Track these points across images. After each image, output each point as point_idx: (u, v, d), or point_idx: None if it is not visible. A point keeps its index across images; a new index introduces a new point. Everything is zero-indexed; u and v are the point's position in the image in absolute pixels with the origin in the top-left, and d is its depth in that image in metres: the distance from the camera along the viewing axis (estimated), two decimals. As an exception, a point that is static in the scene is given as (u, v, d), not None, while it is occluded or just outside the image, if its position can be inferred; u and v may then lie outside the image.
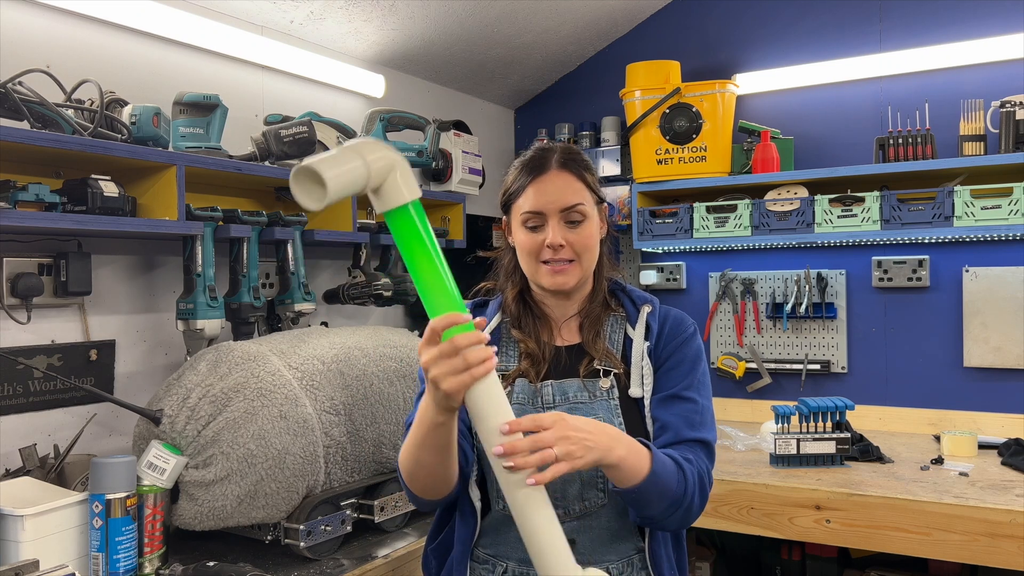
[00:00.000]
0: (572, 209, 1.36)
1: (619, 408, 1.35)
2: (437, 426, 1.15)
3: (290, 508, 1.65)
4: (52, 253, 1.86)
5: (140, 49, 2.12)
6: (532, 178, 1.38)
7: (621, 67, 3.22)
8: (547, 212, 1.36)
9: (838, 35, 3.09)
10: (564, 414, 1.16)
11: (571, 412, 1.28)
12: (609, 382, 1.37)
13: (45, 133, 1.61)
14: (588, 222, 1.38)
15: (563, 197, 1.36)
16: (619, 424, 1.33)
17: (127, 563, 1.51)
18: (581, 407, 1.34)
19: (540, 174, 1.38)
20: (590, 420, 1.19)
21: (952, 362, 2.88)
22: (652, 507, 1.24)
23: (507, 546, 1.34)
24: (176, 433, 1.61)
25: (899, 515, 2.09)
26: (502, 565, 1.34)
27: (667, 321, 1.43)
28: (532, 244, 1.37)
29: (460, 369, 1.06)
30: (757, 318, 3.17)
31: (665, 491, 1.23)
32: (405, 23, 2.76)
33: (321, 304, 2.51)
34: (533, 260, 1.39)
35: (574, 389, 1.37)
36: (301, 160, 2.28)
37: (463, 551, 1.35)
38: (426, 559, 1.44)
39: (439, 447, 1.20)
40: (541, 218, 1.37)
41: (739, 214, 3.00)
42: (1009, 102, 2.67)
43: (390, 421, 1.87)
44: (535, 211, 1.37)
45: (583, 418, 1.18)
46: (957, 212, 2.68)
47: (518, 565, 1.33)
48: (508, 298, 1.47)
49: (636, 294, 1.48)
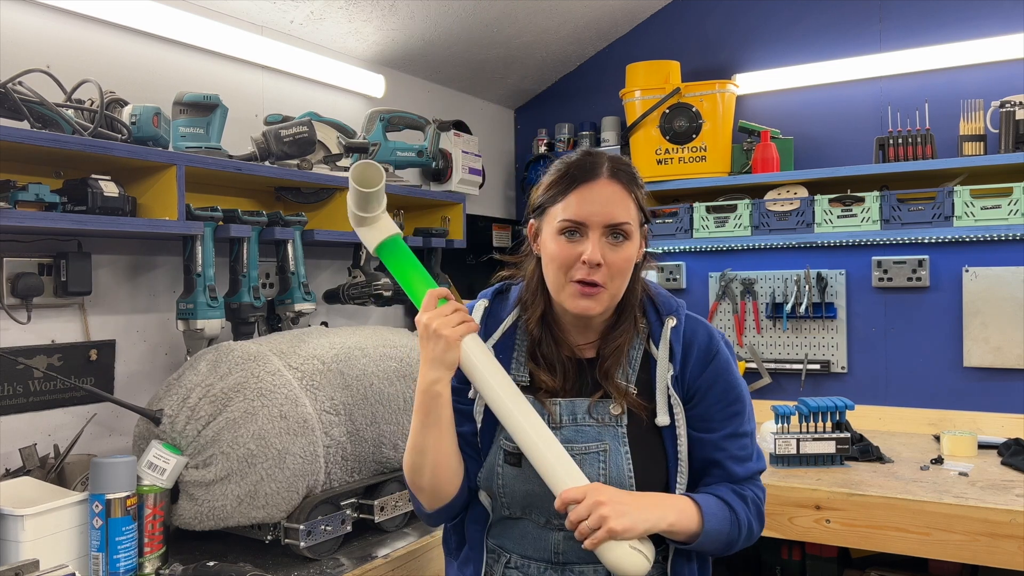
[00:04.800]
0: (618, 227, 1.25)
1: (626, 437, 1.28)
2: (435, 395, 1.25)
3: (290, 508, 1.65)
4: (52, 253, 1.86)
5: (140, 49, 2.12)
6: (578, 184, 1.25)
7: (621, 67, 3.22)
8: (590, 224, 1.24)
9: (838, 35, 3.09)
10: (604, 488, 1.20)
11: (577, 435, 1.28)
12: (620, 409, 1.28)
13: (45, 133, 1.61)
14: (629, 243, 1.26)
15: (611, 211, 1.24)
16: (625, 454, 1.27)
17: (127, 563, 1.51)
18: (588, 429, 1.28)
19: (587, 181, 1.25)
20: (635, 494, 1.23)
21: (952, 362, 2.88)
22: (710, 551, 1.30)
23: (511, 541, 1.33)
24: (176, 433, 1.61)
25: (899, 515, 2.09)
26: (506, 556, 1.34)
27: (692, 346, 1.32)
28: (566, 256, 1.25)
29: (457, 321, 1.25)
30: (757, 318, 3.17)
31: (719, 538, 1.26)
32: (405, 23, 2.76)
33: (321, 304, 2.51)
34: (562, 274, 1.26)
35: (582, 411, 1.29)
36: (301, 160, 2.27)
37: (478, 532, 1.35)
38: (446, 535, 1.43)
39: (439, 423, 1.26)
40: (582, 229, 1.24)
41: (739, 214, 3.00)
42: (1009, 102, 2.67)
43: (390, 421, 1.87)
44: (577, 221, 1.24)
45: (628, 493, 1.22)
46: (957, 212, 2.68)
47: (520, 558, 1.32)
48: (531, 320, 1.35)
49: (662, 300, 1.36)
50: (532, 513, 1.31)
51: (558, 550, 1.29)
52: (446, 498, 1.31)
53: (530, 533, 1.31)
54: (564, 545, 1.29)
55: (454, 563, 1.40)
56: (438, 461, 1.27)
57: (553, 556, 1.30)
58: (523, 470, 1.28)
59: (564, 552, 1.29)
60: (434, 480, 1.29)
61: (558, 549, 1.29)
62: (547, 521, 1.30)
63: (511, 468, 1.29)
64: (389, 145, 2.57)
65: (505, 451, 1.30)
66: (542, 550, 1.30)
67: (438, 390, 1.25)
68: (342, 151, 2.36)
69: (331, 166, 2.33)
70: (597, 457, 1.27)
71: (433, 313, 1.26)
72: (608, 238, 1.25)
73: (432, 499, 1.31)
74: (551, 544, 1.30)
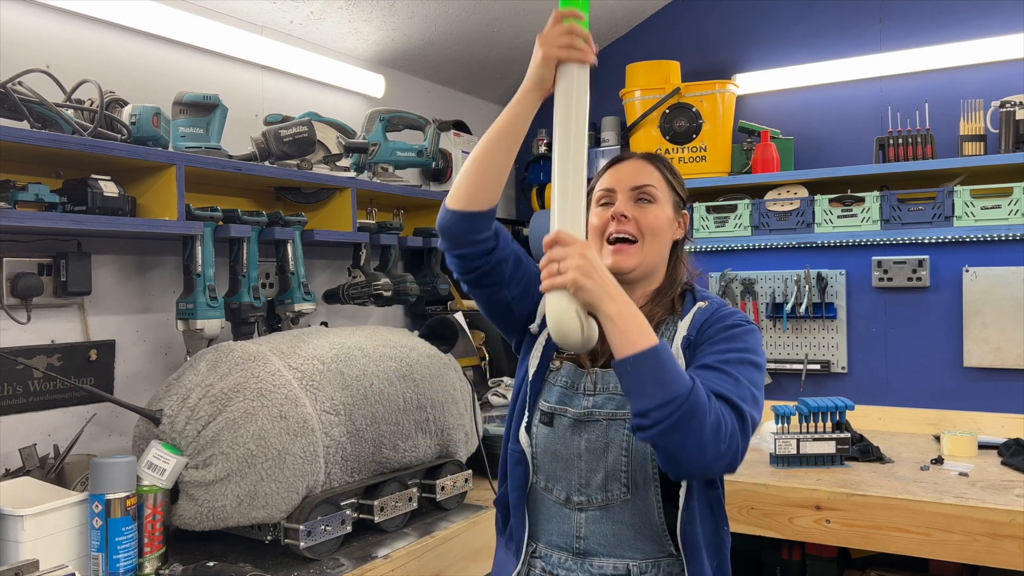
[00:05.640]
0: (641, 189, 1.41)
1: None
2: (522, 98, 1.34)
3: (290, 508, 1.65)
4: (52, 253, 1.86)
5: (140, 49, 2.12)
6: (612, 165, 1.48)
7: (621, 67, 3.22)
8: (618, 188, 1.42)
9: (838, 35, 3.09)
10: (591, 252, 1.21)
11: (608, 402, 1.34)
12: None
13: (45, 133, 1.61)
14: (657, 206, 1.41)
15: (635, 177, 1.42)
16: None
17: (127, 563, 1.51)
18: (617, 398, 1.34)
19: (620, 162, 1.47)
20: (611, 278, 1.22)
21: (952, 362, 2.88)
22: (647, 397, 1.14)
23: (537, 524, 1.41)
24: (176, 433, 1.61)
25: (899, 515, 2.09)
26: (532, 545, 1.41)
27: (715, 314, 1.37)
28: (600, 220, 1.42)
29: (563, 43, 1.29)
30: (757, 318, 3.17)
31: (665, 382, 1.14)
32: (405, 23, 2.76)
33: (321, 304, 2.51)
34: (599, 238, 1.41)
35: (615, 382, 1.32)
36: (301, 160, 2.27)
37: (519, 497, 1.40)
38: (497, 515, 1.50)
39: (512, 127, 1.35)
40: (612, 195, 1.42)
41: (739, 214, 3.00)
42: (1009, 102, 2.67)
43: (390, 421, 1.87)
44: (608, 188, 1.43)
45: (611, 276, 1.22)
46: (957, 212, 2.68)
47: (544, 547, 1.39)
48: None
49: (703, 294, 1.44)
50: (555, 487, 1.37)
51: (580, 533, 1.35)
52: (481, 201, 1.35)
53: (554, 515, 1.38)
54: (586, 529, 1.35)
55: (502, 540, 1.48)
56: (493, 156, 1.35)
57: (575, 542, 1.35)
58: (554, 429, 1.37)
59: (585, 537, 1.35)
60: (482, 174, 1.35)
61: (580, 532, 1.35)
62: (567, 498, 1.36)
63: (544, 427, 1.38)
64: (389, 145, 2.57)
65: (541, 411, 1.39)
66: (565, 534, 1.36)
67: (530, 87, 1.33)
68: (342, 151, 2.36)
69: (331, 166, 2.33)
70: (622, 424, 1.32)
71: (554, 30, 1.31)
72: (635, 201, 1.41)
73: (472, 197, 1.35)
74: (573, 526, 1.35)
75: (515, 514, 1.42)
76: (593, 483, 1.34)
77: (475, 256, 1.38)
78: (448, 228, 1.38)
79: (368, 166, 2.54)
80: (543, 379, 1.41)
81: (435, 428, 1.97)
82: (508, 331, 1.51)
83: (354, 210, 2.38)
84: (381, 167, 2.58)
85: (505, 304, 1.43)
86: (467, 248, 1.37)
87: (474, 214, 1.35)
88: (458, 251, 1.38)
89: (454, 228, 1.37)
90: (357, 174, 2.44)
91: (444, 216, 1.38)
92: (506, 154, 1.36)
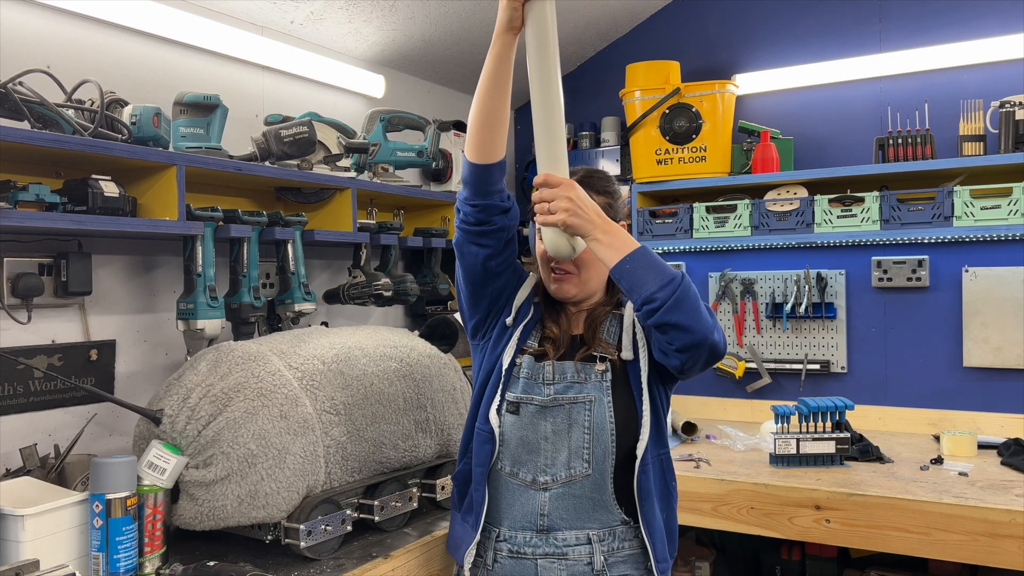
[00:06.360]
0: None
1: (610, 389, 1.51)
2: (496, 40, 1.44)
3: (290, 508, 1.65)
4: (52, 253, 1.86)
5: (140, 49, 2.12)
6: None
7: (621, 67, 3.22)
8: None
9: (838, 35, 3.09)
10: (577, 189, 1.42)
11: (568, 389, 1.52)
12: (604, 366, 1.53)
13: (45, 133, 1.61)
14: None
15: None
16: (608, 403, 1.50)
17: (127, 563, 1.51)
18: (576, 385, 1.52)
19: None
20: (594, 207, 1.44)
21: (952, 362, 2.88)
22: (649, 283, 1.37)
23: (500, 511, 1.54)
24: (176, 433, 1.61)
25: (899, 515, 2.09)
26: (496, 530, 1.55)
27: None
28: (539, 252, 1.58)
29: None
30: (757, 318, 3.17)
31: (659, 268, 1.38)
32: (405, 23, 2.76)
33: (321, 304, 2.51)
34: (544, 267, 1.60)
35: (571, 371, 1.53)
36: (301, 160, 2.27)
37: (482, 473, 1.53)
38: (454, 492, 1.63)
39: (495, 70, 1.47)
40: None
41: (739, 214, 3.00)
42: (1009, 102, 2.68)
43: (390, 421, 1.87)
44: None
45: (592, 204, 1.43)
46: (957, 212, 2.68)
47: (508, 530, 1.53)
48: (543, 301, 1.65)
49: None
50: (520, 470, 1.52)
51: (544, 511, 1.50)
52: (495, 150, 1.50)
53: (519, 497, 1.52)
54: (549, 506, 1.50)
55: (458, 514, 1.61)
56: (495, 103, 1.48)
57: (539, 520, 1.50)
58: (520, 417, 1.52)
59: (548, 514, 1.50)
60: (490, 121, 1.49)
61: (543, 511, 1.50)
62: (533, 480, 1.51)
63: (511, 416, 1.53)
64: (389, 145, 2.57)
65: (508, 400, 1.53)
66: (530, 513, 1.51)
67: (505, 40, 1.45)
68: (342, 151, 2.36)
69: (331, 166, 2.33)
70: (584, 406, 1.51)
71: None
72: None
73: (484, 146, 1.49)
74: (537, 505, 1.51)
75: (477, 488, 1.54)
76: (558, 462, 1.50)
77: (493, 209, 1.51)
78: (467, 178, 1.52)
79: (368, 166, 2.54)
80: (510, 372, 1.55)
81: (435, 428, 1.97)
82: (475, 301, 1.61)
83: (354, 210, 2.38)
84: (381, 167, 2.58)
85: (487, 274, 1.57)
86: (487, 199, 1.51)
87: (483, 166, 1.50)
88: (480, 200, 1.51)
89: (472, 178, 1.51)
90: (357, 174, 2.44)
91: (465, 167, 1.53)
92: (499, 98, 1.48)
